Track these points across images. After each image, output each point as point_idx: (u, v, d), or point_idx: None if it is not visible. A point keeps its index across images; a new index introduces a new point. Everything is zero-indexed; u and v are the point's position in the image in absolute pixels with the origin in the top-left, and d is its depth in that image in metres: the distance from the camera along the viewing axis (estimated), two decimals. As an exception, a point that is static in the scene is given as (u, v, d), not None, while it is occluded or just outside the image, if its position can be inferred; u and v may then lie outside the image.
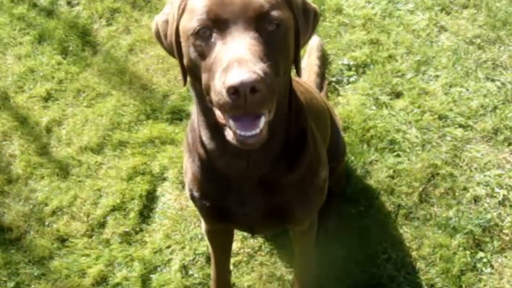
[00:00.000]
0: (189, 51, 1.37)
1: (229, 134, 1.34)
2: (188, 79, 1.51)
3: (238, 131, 1.31)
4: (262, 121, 1.31)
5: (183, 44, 1.41)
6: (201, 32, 1.33)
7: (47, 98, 3.10)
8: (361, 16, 3.23)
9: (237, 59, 1.24)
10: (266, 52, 1.29)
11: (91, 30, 3.39)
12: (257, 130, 1.30)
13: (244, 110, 1.25)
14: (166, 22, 1.49)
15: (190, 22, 1.35)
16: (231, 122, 1.31)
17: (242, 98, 1.21)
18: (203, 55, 1.33)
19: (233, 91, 1.21)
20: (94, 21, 3.43)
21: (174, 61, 3.11)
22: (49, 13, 3.50)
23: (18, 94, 3.14)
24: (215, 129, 1.52)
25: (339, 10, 3.27)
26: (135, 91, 3.06)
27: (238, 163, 1.59)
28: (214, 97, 1.28)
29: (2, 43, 3.40)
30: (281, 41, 1.37)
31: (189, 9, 1.38)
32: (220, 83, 1.24)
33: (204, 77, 1.35)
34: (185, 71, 1.47)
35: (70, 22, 3.42)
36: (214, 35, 1.32)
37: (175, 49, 1.45)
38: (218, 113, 1.36)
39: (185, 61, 1.42)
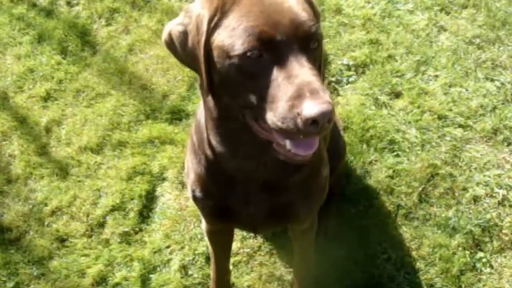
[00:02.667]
0: (228, 69, 1.34)
1: (277, 151, 1.37)
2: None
3: (293, 151, 1.34)
4: (318, 140, 1.36)
5: (218, 60, 1.36)
6: (249, 53, 1.30)
7: (47, 98, 3.10)
8: (361, 16, 3.24)
9: (307, 88, 1.25)
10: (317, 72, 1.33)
11: (91, 30, 3.39)
12: (314, 149, 1.35)
13: (315, 135, 1.30)
14: (184, 33, 1.44)
15: (233, 41, 1.31)
16: (287, 142, 1.34)
17: (319, 128, 1.25)
18: (250, 76, 1.32)
19: (312, 122, 1.23)
20: (93, 21, 3.43)
21: (173, 61, 3.12)
22: (49, 13, 3.51)
23: (17, 94, 3.14)
24: (230, 135, 1.53)
25: (338, 10, 3.27)
26: (135, 91, 3.06)
27: (248, 165, 1.60)
28: (277, 122, 1.28)
29: (2, 43, 3.40)
30: (319, 57, 1.41)
31: (228, 26, 1.34)
32: (292, 113, 1.25)
33: (250, 96, 1.34)
34: (210, 82, 1.42)
35: (70, 22, 3.42)
36: (265, 57, 1.30)
37: (202, 62, 1.39)
38: (259, 129, 1.38)
39: (218, 76, 1.39)
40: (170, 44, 1.49)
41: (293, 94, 1.26)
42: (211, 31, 1.37)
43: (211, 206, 1.78)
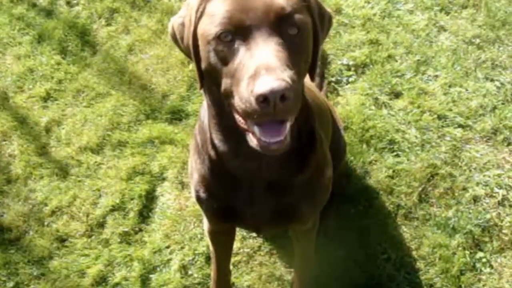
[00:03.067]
0: (209, 55, 1.36)
1: (251, 140, 1.34)
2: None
3: (262, 138, 1.31)
4: (287, 128, 1.32)
5: (201, 47, 1.39)
6: (223, 37, 1.31)
7: (47, 98, 3.10)
8: (361, 16, 3.24)
9: (264, 66, 1.23)
10: (291, 58, 1.29)
11: (91, 30, 3.39)
12: (282, 137, 1.31)
13: (273, 117, 1.25)
14: (183, 25, 1.48)
15: (211, 27, 1.34)
16: (255, 129, 1.31)
17: (271, 106, 1.21)
18: (225, 60, 1.32)
19: (263, 99, 1.21)
20: (93, 21, 3.43)
21: (173, 61, 3.13)
22: (49, 13, 3.51)
23: (17, 94, 3.14)
24: (229, 132, 1.52)
25: (338, 10, 3.27)
26: (135, 91, 3.06)
27: (250, 164, 1.60)
28: (239, 103, 1.27)
29: (2, 43, 3.40)
30: (303, 45, 1.38)
31: (209, 13, 1.37)
32: (247, 91, 1.24)
33: (225, 82, 1.34)
34: (201, 74, 1.45)
35: (70, 22, 3.42)
36: (236, 40, 1.31)
37: (192, 52, 1.44)
38: (238, 118, 1.36)
39: (203, 65, 1.41)
40: (173, 36, 1.53)
41: (251, 73, 1.24)
42: (197, 20, 1.40)
43: (215, 206, 1.78)
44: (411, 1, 3.29)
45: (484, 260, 2.37)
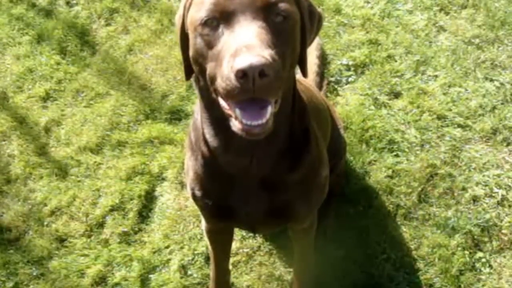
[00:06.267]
0: (195, 41, 1.39)
1: (234, 125, 1.34)
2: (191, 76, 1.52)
3: (244, 120, 1.31)
4: (269, 111, 1.32)
5: (190, 35, 1.42)
6: (209, 22, 1.34)
7: (46, 98, 3.10)
8: (360, 16, 3.24)
9: (245, 44, 1.25)
10: (274, 42, 1.31)
11: (90, 30, 3.39)
12: (264, 120, 1.31)
13: (252, 94, 1.26)
14: (180, 16, 1.51)
15: (198, 13, 1.37)
16: (237, 111, 1.31)
17: (250, 81, 1.22)
18: (210, 44, 1.35)
19: (242, 74, 1.22)
20: (93, 21, 3.43)
21: (173, 61, 3.13)
22: (48, 13, 3.51)
23: (17, 94, 3.14)
24: (219, 125, 1.53)
25: (338, 10, 3.27)
26: (134, 91, 3.06)
27: (241, 161, 1.60)
28: (221, 83, 1.29)
29: (1, 43, 3.40)
30: (288, 33, 1.39)
31: (197, 2, 1.41)
32: (228, 68, 1.25)
33: (210, 66, 1.36)
34: (188, 65, 1.48)
35: (69, 22, 3.42)
36: (221, 25, 1.34)
37: (179, 42, 1.47)
38: (223, 103, 1.37)
39: (191, 52, 1.43)
40: (176, 29, 1.55)
41: (232, 51, 1.26)
42: (187, 10, 1.44)
43: (210, 205, 1.78)
44: (410, 1, 3.30)
45: (483, 260, 2.37)
